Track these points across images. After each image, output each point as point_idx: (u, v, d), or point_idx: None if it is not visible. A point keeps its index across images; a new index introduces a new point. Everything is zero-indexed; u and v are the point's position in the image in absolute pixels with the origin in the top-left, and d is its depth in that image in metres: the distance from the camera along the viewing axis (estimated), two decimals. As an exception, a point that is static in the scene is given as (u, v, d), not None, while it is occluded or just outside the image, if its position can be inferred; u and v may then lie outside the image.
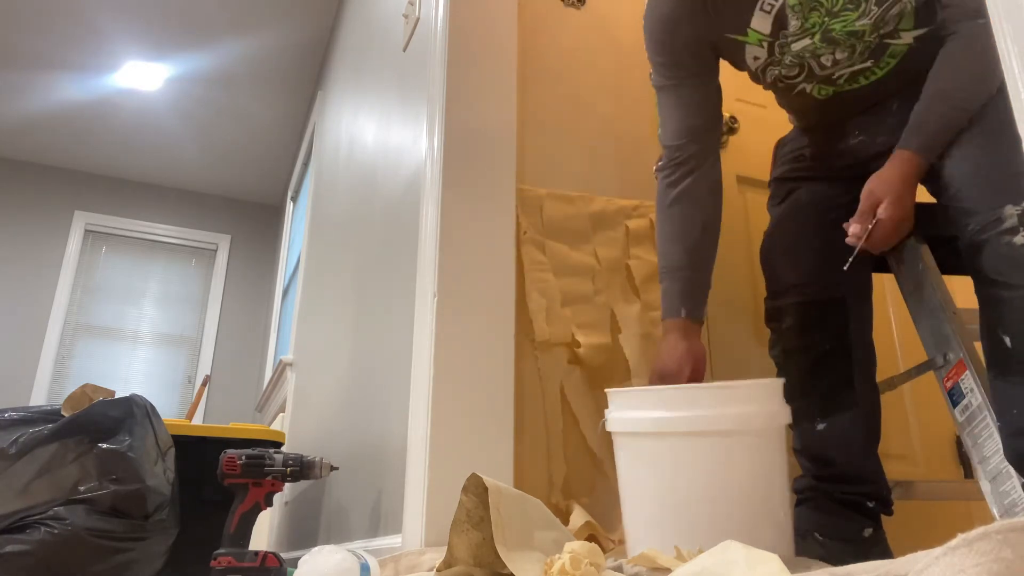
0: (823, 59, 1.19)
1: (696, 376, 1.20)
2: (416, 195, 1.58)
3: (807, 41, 1.17)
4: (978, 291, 1.04)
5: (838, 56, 1.18)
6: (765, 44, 1.21)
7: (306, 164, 4.25)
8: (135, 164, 4.94)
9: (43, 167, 4.90)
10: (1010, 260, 0.97)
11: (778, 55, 1.22)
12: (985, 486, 1.07)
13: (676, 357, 1.20)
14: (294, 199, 4.69)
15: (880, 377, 1.42)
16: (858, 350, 1.25)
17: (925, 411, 1.80)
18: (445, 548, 0.97)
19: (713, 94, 1.32)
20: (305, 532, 2.29)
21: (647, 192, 1.71)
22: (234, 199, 5.36)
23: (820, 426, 1.22)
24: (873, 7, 1.11)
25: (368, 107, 2.43)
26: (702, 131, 1.30)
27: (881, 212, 1.10)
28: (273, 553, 1.38)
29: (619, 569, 0.89)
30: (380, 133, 2.17)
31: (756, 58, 1.25)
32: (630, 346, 1.51)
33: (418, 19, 1.79)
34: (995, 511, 1.05)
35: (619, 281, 1.58)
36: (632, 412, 1.04)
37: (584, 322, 1.51)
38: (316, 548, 1.15)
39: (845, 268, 1.13)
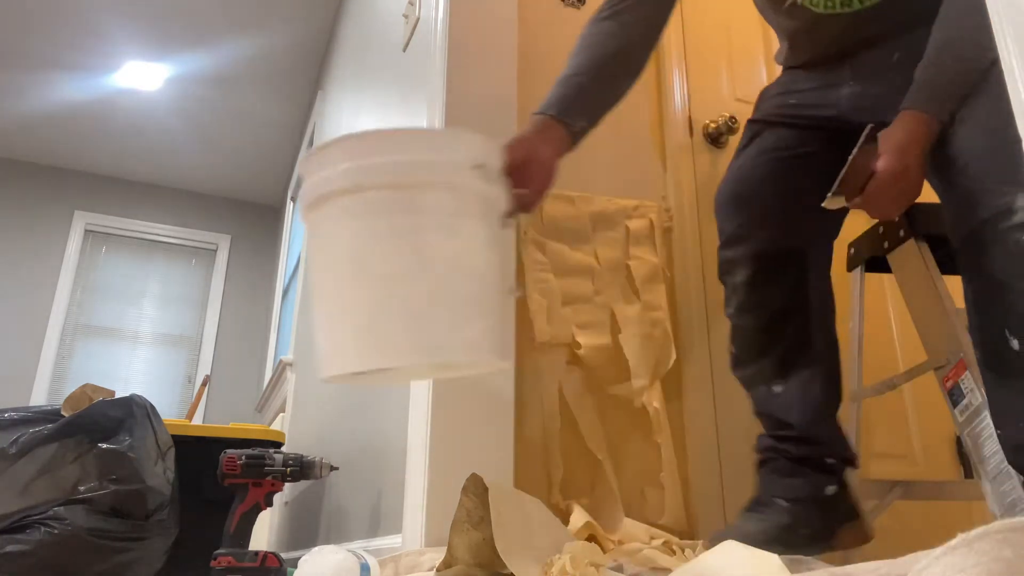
0: None
1: (529, 172, 0.93)
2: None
3: None
4: (975, 286, 0.97)
5: None
6: None
7: (306, 164, 4.24)
8: (135, 164, 4.94)
9: (43, 167, 4.89)
10: (1018, 259, 0.88)
11: None
12: (985, 486, 1.07)
13: (516, 142, 0.95)
14: (294, 199, 4.69)
15: (880, 377, 1.42)
16: (819, 306, 1.17)
17: (925, 411, 1.80)
18: (445, 548, 0.97)
19: None
20: (305, 532, 2.29)
21: (647, 192, 1.71)
22: (234, 199, 5.36)
23: (777, 388, 1.15)
24: None
25: (368, 107, 2.43)
26: None
27: (879, 164, 0.98)
28: (273, 553, 1.38)
29: (619, 569, 0.89)
30: (380, 133, 2.16)
31: None
32: (630, 346, 1.51)
33: (418, 19, 1.79)
34: (995, 511, 1.05)
35: (619, 281, 1.58)
36: (321, 172, 0.77)
37: (584, 322, 1.51)
38: (316, 548, 1.15)
39: (823, 204, 1.01)
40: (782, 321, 1.15)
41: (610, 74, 1.09)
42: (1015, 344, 0.89)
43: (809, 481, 1.11)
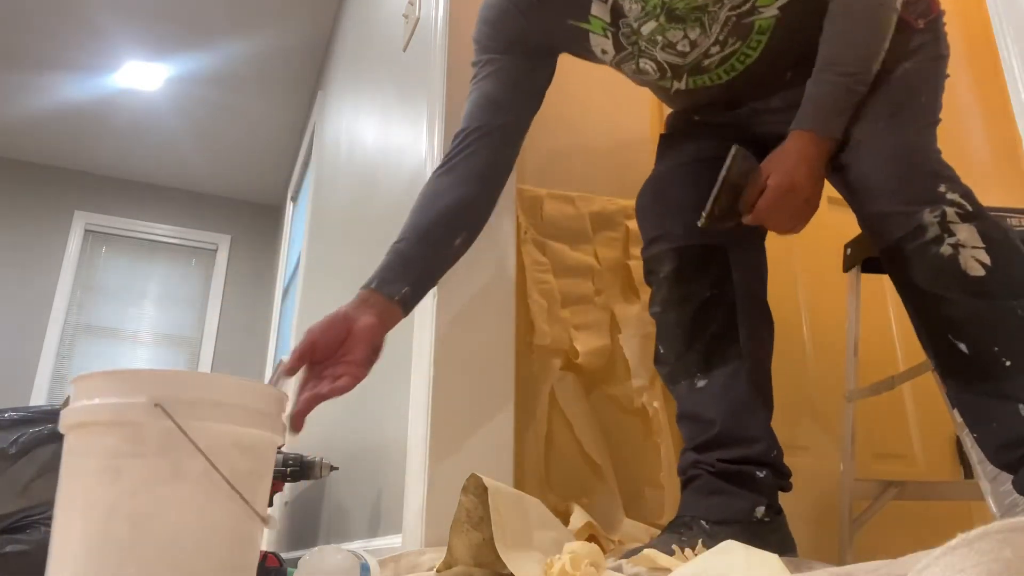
0: (678, 45, 1.06)
1: (348, 347, 0.94)
2: (416, 195, 1.58)
3: (653, 23, 1.04)
4: (909, 299, 0.99)
5: (691, 36, 1.04)
6: (610, 35, 1.09)
7: (306, 164, 4.25)
8: (135, 164, 4.94)
9: (43, 167, 4.90)
10: (942, 271, 0.92)
11: (627, 47, 1.10)
12: (985, 486, 1.07)
13: (327, 321, 0.95)
14: (294, 199, 4.69)
15: (880, 377, 1.42)
16: (745, 301, 1.14)
17: (925, 411, 1.80)
18: (445, 548, 0.97)
19: (539, 76, 1.18)
20: (305, 532, 2.29)
21: (647, 192, 1.71)
22: (234, 199, 5.36)
23: (700, 383, 1.11)
24: None
25: (368, 107, 2.43)
26: (507, 106, 1.14)
27: (769, 182, 1.01)
28: (273, 553, 1.38)
29: (619, 569, 0.89)
30: (380, 133, 2.17)
31: (604, 51, 1.13)
32: (630, 347, 1.51)
33: (418, 19, 1.79)
34: (995, 511, 1.05)
35: (619, 282, 1.58)
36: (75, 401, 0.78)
37: (583, 323, 1.51)
38: (316, 548, 1.15)
39: (699, 224, 1.04)
40: (705, 314, 1.13)
41: (436, 238, 1.08)
42: (963, 348, 0.92)
43: (736, 500, 1.03)
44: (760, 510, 1.02)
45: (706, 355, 1.11)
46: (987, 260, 0.90)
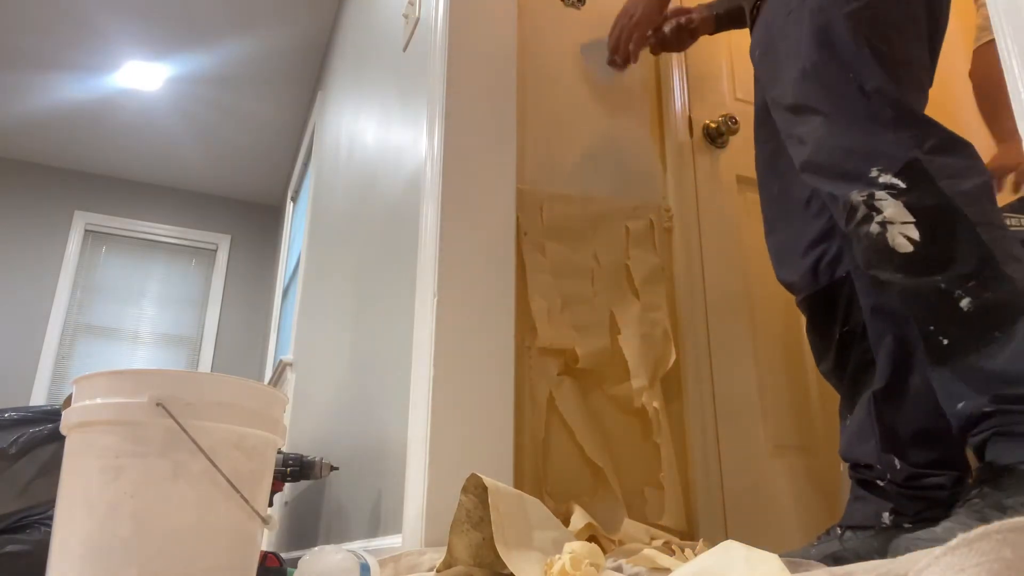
0: None
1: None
2: (416, 195, 1.58)
3: None
4: (869, 284, 1.00)
5: None
6: None
7: (306, 164, 4.25)
8: (135, 164, 4.94)
9: (43, 167, 4.89)
10: (874, 251, 0.91)
11: None
12: (985, 486, 1.07)
13: None
14: (294, 199, 4.69)
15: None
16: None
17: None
18: (445, 548, 0.97)
19: None
20: (305, 532, 2.29)
21: (647, 192, 1.71)
22: (234, 199, 5.36)
23: (848, 423, 1.10)
24: None
25: (368, 107, 2.43)
26: None
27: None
28: (273, 553, 1.38)
29: (619, 569, 0.89)
30: (380, 133, 2.17)
31: None
32: (629, 347, 1.51)
33: (418, 19, 1.79)
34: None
35: (619, 282, 1.58)
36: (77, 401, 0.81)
37: (583, 324, 1.51)
38: (316, 548, 1.15)
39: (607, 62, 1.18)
40: (843, 357, 1.12)
41: None
42: (918, 329, 0.90)
43: (865, 505, 1.04)
44: (886, 516, 1.01)
45: (850, 397, 1.10)
46: (915, 235, 0.87)
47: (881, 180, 0.89)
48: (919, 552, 0.59)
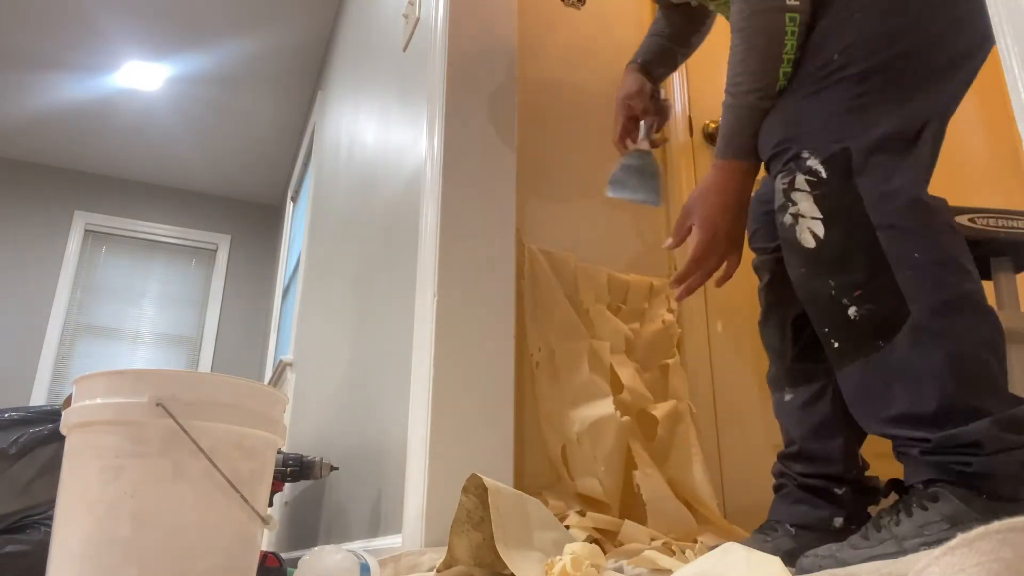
0: None
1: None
2: (416, 195, 1.58)
3: None
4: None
5: None
6: None
7: (306, 164, 4.25)
8: (135, 164, 4.94)
9: (43, 167, 4.89)
10: (786, 242, 0.90)
11: None
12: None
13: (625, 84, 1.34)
14: (294, 199, 4.69)
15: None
16: None
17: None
18: (445, 548, 0.97)
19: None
20: (305, 532, 2.29)
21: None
22: (234, 199, 5.36)
23: (787, 396, 1.09)
24: None
25: (368, 107, 2.43)
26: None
27: (691, 237, 1.02)
28: (273, 553, 1.38)
29: (619, 570, 0.89)
30: (380, 133, 2.17)
31: None
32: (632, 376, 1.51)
33: (418, 19, 1.79)
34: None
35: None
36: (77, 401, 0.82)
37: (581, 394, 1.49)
38: (316, 548, 1.15)
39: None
40: (795, 330, 1.11)
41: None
42: (821, 331, 0.89)
43: (815, 509, 1.04)
44: (839, 520, 1.02)
45: (792, 371, 1.10)
46: (820, 232, 0.85)
47: (807, 163, 0.87)
48: (920, 552, 0.59)
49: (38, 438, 1.43)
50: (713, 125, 1.80)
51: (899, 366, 0.80)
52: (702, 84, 1.86)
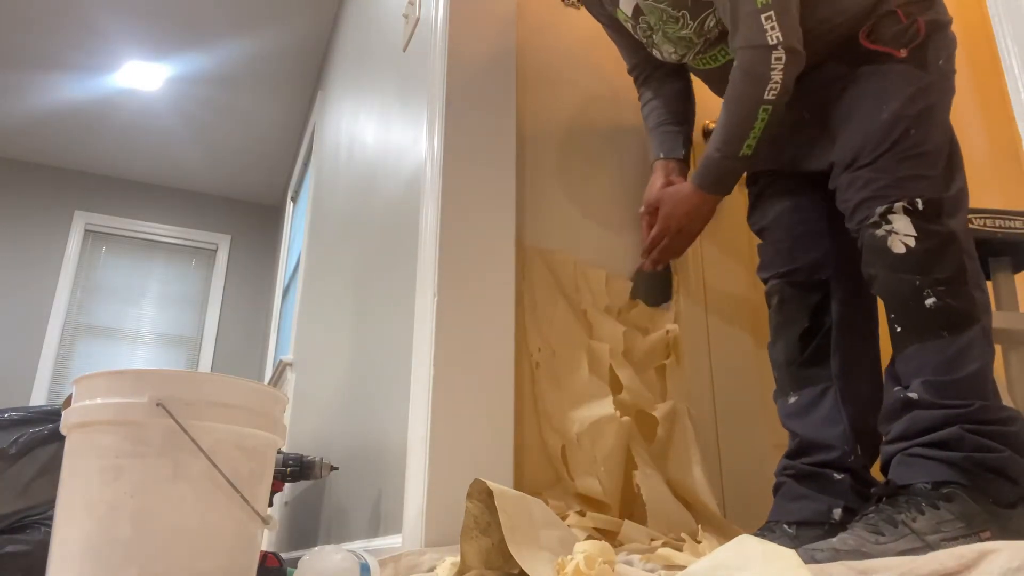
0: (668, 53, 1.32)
1: (665, 209, 1.34)
2: (416, 195, 1.58)
3: (657, 36, 1.30)
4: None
5: (679, 51, 1.31)
6: (630, 25, 1.33)
7: (306, 164, 4.25)
8: (135, 164, 4.94)
9: (43, 167, 4.89)
10: (871, 249, 1.03)
11: (643, 38, 1.34)
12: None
13: (652, 191, 1.40)
14: (294, 199, 4.69)
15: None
16: (841, 332, 1.20)
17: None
18: (445, 548, 0.97)
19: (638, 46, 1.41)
20: (305, 532, 2.29)
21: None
22: (234, 199, 5.36)
23: (791, 399, 1.20)
24: (689, 22, 1.23)
25: (368, 107, 2.43)
26: (639, 66, 1.51)
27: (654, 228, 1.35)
28: (273, 553, 1.38)
29: (629, 564, 0.89)
30: (380, 133, 2.17)
31: (635, 34, 1.35)
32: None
33: (418, 19, 1.79)
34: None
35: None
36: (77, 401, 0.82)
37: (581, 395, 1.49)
38: (316, 548, 1.15)
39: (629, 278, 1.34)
40: (802, 342, 1.21)
41: (684, 117, 1.52)
42: (889, 317, 1.02)
43: (814, 502, 1.09)
44: (837, 512, 1.08)
45: (797, 376, 1.20)
46: (912, 244, 0.99)
47: (904, 204, 1.02)
48: (939, 552, 0.59)
49: (38, 438, 1.43)
50: (713, 125, 1.80)
51: (954, 356, 0.95)
52: (702, 84, 1.85)
